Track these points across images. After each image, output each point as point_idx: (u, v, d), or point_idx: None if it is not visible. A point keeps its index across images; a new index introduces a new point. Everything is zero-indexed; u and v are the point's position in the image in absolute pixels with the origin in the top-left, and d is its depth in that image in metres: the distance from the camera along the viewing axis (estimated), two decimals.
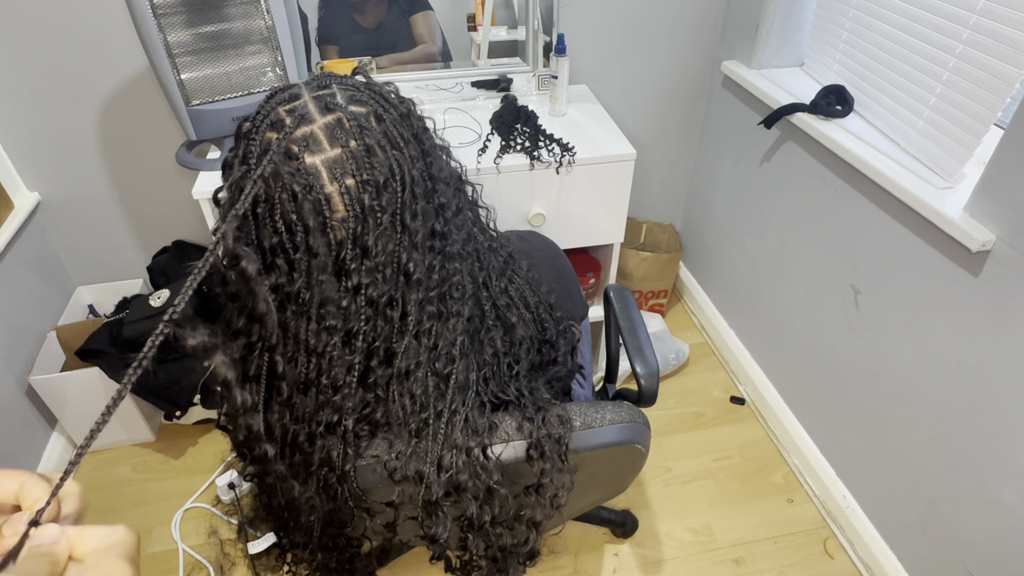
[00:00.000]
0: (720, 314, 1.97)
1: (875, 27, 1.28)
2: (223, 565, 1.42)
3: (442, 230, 0.64)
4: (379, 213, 0.60)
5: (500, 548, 0.75)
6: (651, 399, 1.02)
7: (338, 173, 0.58)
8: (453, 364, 0.66)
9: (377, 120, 0.61)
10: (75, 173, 1.63)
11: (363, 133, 0.59)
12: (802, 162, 1.47)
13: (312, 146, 0.58)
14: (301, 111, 0.59)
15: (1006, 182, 0.98)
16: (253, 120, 0.60)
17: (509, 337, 0.74)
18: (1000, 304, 1.02)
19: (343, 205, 0.59)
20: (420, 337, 0.64)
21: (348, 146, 0.58)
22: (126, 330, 1.50)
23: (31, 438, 1.55)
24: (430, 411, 0.65)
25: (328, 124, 0.58)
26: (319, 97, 0.60)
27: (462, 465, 0.66)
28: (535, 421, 0.70)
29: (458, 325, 0.66)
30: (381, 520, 0.74)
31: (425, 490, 0.66)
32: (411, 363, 0.64)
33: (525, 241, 0.92)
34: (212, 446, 1.69)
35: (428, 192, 0.63)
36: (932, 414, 1.19)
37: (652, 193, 2.04)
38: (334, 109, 0.59)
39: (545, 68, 1.63)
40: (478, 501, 0.69)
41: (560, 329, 0.81)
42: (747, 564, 1.43)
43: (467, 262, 0.68)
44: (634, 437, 0.75)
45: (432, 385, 0.65)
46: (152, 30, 1.15)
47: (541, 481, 0.70)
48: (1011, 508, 1.05)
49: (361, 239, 0.60)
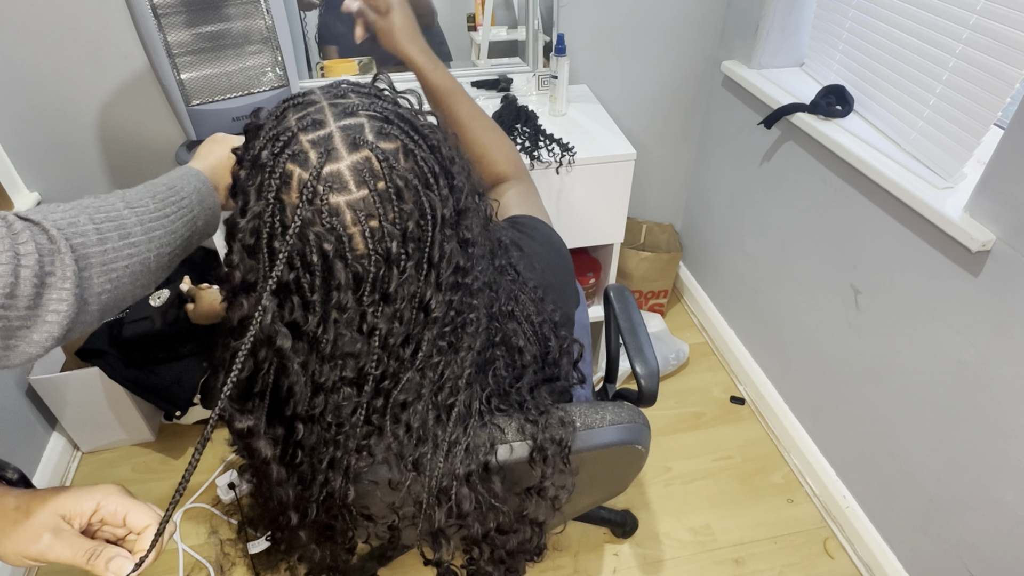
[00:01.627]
0: (720, 314, 1.97)
1: (875, 27, 1.28)
2: (223, 565, 1.42)
3: (465, 265, 0.61)
4: (404, 260, 0.56)
5: (508, 552, 0.75)
6: (651, 399, 1.02)
7: (362, 216, 0.54)
8: (456, 395, 0.63)
9: (406, 156, 0.56)
10: (75, 173, 1.63)
11: (392, 174, 0.54)
12: (802, 162, 1.47)
13: (337, 186, 0.53)
14: (327, 146, 0.54)
15: (1006, 182, 0.98)
16: (272, 145, 0.54)
17: (515, 360, 0.72)
18: (1000, 304, 1.02)
19: (365, 246, 0.55)
20: (425, 371, 0.62)
21: (376, 188, 0.54)
22: (126, 330, 1.50)
23: (31, 438, 1.55)
24: (428, 445, 0.64)
25: (356, 163, 0.53)
26: (345, 129, 0.54)
27: (464, 496, 0.65)
28: (538, 424, 0.68)
29: (467, 358, 0.63)
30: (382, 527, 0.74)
31: (426, 521, 0.65)
32: (409, 396, 0.62)
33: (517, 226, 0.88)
34: (212, 446, 1.68)
35: (455, 228, 0.59)
36: (932, 414, 1.19)
37: (652, 193, 2.04)
38: (363, 146, 0.54)
39: (545, 68, 1.63)
40: (480, 520, 0.69)
41: (564, 347, 0.79)
42: (747, 564, 1.43)
43: (484, 294, 0.65)
44: (634, 437, 0.75)
45: (432, 418, 0.63)
46: (152, 30, 1.15)
47: (543, 484, 0.69)
48: (1011, 508, 1.05)
49: (381, 285, 0.56)
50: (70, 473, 1.62)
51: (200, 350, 1.59)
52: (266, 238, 0.54)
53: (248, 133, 0.59)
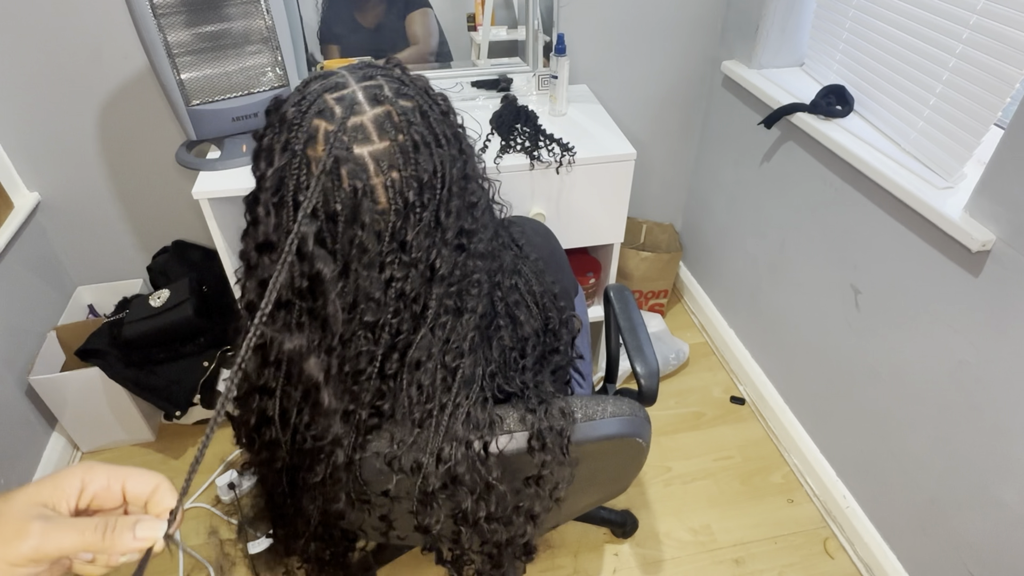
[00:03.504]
0: (720, 314, 1.97)
1: (875, 27, 1.28)
2: (223, 565, 1.42)
3: (470, 228, 0.65)
4: (420, 210, 0.60)
5: (495, 544, 0.75)
6: (651, 399, 1.02)
7: (384, 166, 0.58)
8: (462, 358, 0.66)
9: (422, 116, 0.61)
10: (75, 173, 1.63)
11: (411, 128, 0.59)
12: (802, 162, 1.47)
13: (361, 137, 0.58)
14: (351, 100, 0.59)
15: (1006, 182, 0.98)
16: (298, 105, 0.59)
17: (517, 332, 0.74)
18: (1000, 304, 1.02)
19: (386, 198, 0.59)
20: (435, 330, 0.65)
21: (396, 140, 0.58)
22: (126, 330, 1.50)
23: (31, 438, 1.55)
24: (435, 402, 0.66)
25: (377, 116, 0.58)
26: (367, 88, 0.60)
27: (460, 457, 0.67)
28: (537, 413, 0.70)
29: (471, 321, 0.66)
30: (378, 512, 0.74)
31: (422, 480, 0.67)
32: (423, 354, 0.65)
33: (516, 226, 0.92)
34: (212, 446, 1.68)
35: (462, 190, 0.64)
36: (932, 414, 1.19)
37: (652, 193, 2.04)
38: (383, 102, 0.59)
39: (545, 68, 1.63)
40: (474, 496, 0.69)
41: (563, 318, 0.82)
42: (747, 564, 1.43)
43: (487, 260, 0.68)
44: (635, 430, 0.76)
45: (440, 377, 0.66)
46: (152, 30, 1.15)
47: (541, 473, 0.70)
48: (1011, 508, 1.05)
49: (400, 234, 0.60)
50: None
51: (200, 350, 1.59)
52: (291, 192, 0.58)
53: (270, 110, 0.63)
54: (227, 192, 1.27)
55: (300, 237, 0.57)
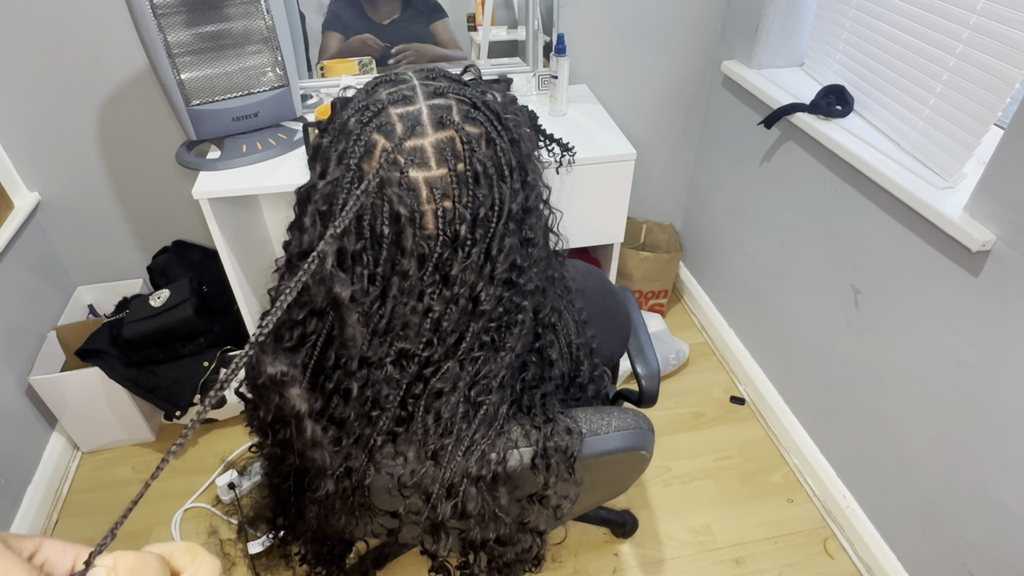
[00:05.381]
0: (720, 314, 1.97)
1: (875, 27, 1.28)
2: (223, 565, 1.42)
3: (521, 265, 0.61)
4: (469, 245, 0.57)
5: (505, 563, 0.74)
6: (652, 399, 1.02)
7: (438, 195, 0.55)
8: (488, 395, 0.64)
9: (487, 143, 0.57)
10: (75, 173, 1.63)
11: (473, 157, 0.55)
12: (802, 162, 1.47)
13: (419, 161, 0.55)
14: (414, 120, 0.55)
15: (1006, 182, 0.98)
16: (360, 114, 0.56)
17: (544, 372, 0.72)
18: (1000, 304, 1.02)
19: (435, 227, 0.56)
20: (465, 364, 0.62)
21: (455, 169, 0.55)
22: (126, 330, 1.50)
23: (31, 438, 1.55)
24: (452, 437, 0.63)
25: (439, 142, 0.55)
26: (434, 108, 0.56)
27: (471, 495, 0.65)
28: (542, 431, 0.68)
29: (506, 359, 0.63)
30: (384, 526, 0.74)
31: (431, 511, 0.65)
32: (447, 385, 0.62)
33: (570, 267, 0.88)
34: (212, 446, 1.69)
35: (519, 225, 0.60)
36: (932, 414, 1.19)
37: (652, 193, 2.04)
38: (448, 126, 0.55)
39: (545, 68, 1.63)
40: (481, 525, 0.68)
41: (594, 375, 0.79)
42: (747, 564, 1.43)
43: (535, 297, 0.65)
44: (639, 443, 0.75)
45: (461, 412, 0.63)
46: (152, 30, 1.15)
47: (545, 492, 0.69)
48: (1011, 508, 1.05)
49: (445, 266, 0.57)
50: (70, 473, 1.62)
51: (200, 350, 1.59)
52: (341, 204, 0.55)
53: (335, 105, 0.60)
54: (227, 192, 1.27)
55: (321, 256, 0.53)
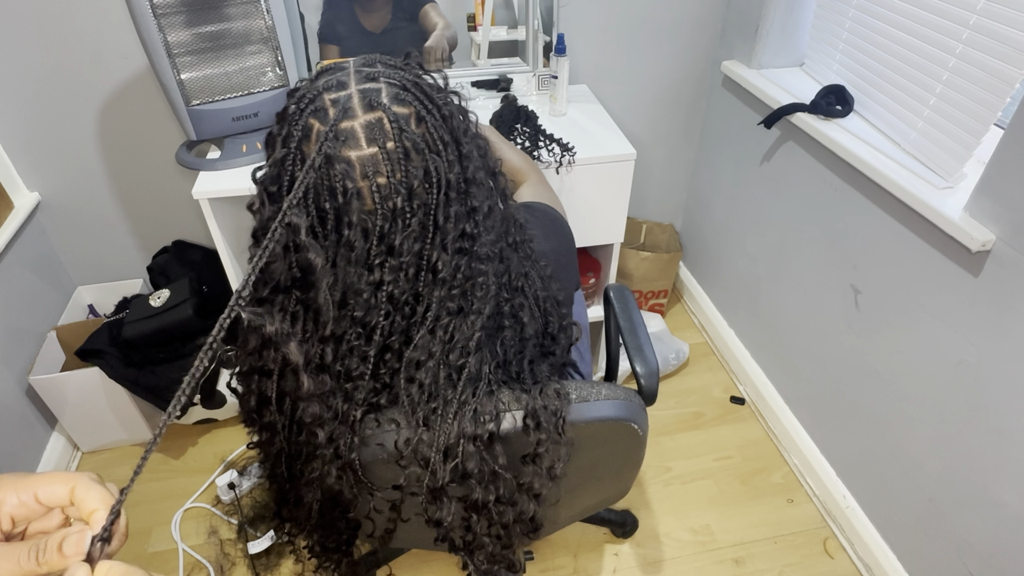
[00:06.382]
0: (720, 314, 1.97)
1: (875, 27, 1.28)
2: (223, 565, 1.42)
3: (472, 232, 0.65)
4: (408, 215, 0.61)
5: (503, 525, 0.76)
6: (651, 399, 1.02)
7: (370, 172, 0.60)
8: (467, 357, 0.67)
9: (418, 122, 0.62)
10: (75, 173, 1.63)
11: (402, 135, 0.60)
12: (802, 162, 1.47)
13: (350, 142, 0.59)
14: (345, 104, 0.60)
15: (1006, 182, 0.98)
16: (299, 102, 0.61)
17: (521, 332, 0.75)
18: (1000, 304, 1.02)
19: (372, 201, 0.60)
20: (436, 331, 0.65)
21: (385, 147, 0.60)
22: (126, 330, 1.51)
23: (31, 438, 1.55)
24: (439, 400, 0.67)
25: (368, 123, 0.60)
26: (364, 92, 0.61)
27: (470, 453, 0.67)
28: (532, 393, 0.71)
29: (477, 322, 0.67)
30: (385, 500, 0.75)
31: (431, 477, 0.67)
32: (422, 355, 0.65)
33: (534, 211, 0.92)
34: (212, 446, 1.69)
35: (462, 195, 0.64)
36: (932, 414, 1.19)
37: (652, 193, 2.04)
38: (376, 108, 0.60)
39: (545, 68, 1.63)
40: (483, 484, 0.70)
41: (562, 324, 0.83)
42: (747, 564, 1.43)
43: (493, 262, 0.69)
44: (629, 415, 0.77)
45: (444, 376, 0.66)
46: (152, 30, 1.15)
47: (537, 451, 0.71)
48: (1011, 508, 1.05)
49: (388, 238, 0.62)
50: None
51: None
52: (286, 184, 0.61)
53: (289, 95, 0.64)
54: (227, 192, 1.27)
55: (293, 227, 0.58)
